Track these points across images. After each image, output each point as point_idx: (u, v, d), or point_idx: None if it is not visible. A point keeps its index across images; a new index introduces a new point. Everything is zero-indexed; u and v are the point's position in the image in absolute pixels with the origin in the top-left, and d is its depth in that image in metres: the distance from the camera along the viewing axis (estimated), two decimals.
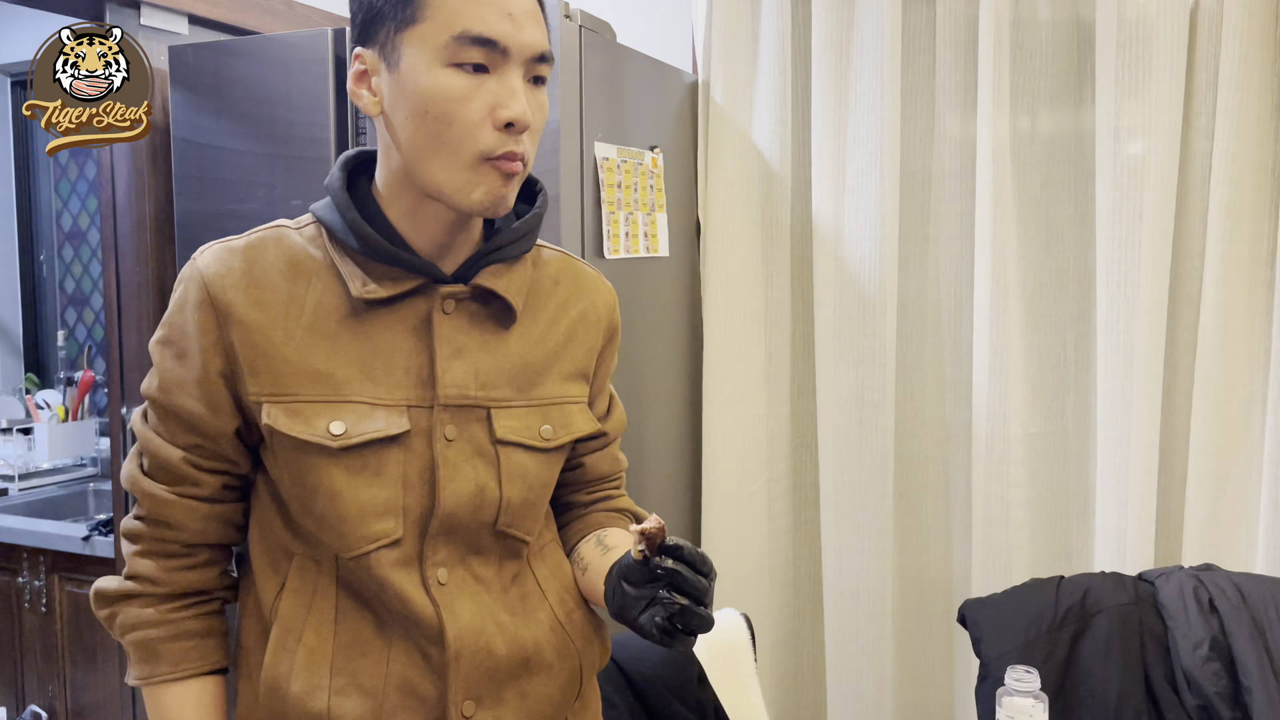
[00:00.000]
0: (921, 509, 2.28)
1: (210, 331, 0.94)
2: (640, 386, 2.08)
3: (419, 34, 0.89)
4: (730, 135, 2.24)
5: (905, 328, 2.23)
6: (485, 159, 0.90)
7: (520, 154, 0.91)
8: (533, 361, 1.01)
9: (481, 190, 0.91)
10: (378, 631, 0.95)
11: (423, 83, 0.89)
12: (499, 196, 0.92)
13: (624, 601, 0.91)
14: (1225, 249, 1.94)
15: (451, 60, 0.88)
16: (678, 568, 0.87)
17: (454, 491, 0.95)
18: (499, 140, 0.90)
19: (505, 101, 0.89)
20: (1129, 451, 2.00)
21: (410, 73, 0.89)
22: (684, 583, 0.87)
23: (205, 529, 0.99)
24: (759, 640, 2.25)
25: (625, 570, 0.91)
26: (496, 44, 0.88)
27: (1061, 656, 1.57)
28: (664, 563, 0.87)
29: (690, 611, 0.86)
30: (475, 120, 0.89)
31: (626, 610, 0.91)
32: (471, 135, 0.89)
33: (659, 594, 0.87)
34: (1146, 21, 1.94)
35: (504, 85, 0.89)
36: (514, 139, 0.90)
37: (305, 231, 0.98)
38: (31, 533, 2.42)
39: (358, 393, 0.94)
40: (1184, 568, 1.69)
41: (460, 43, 0.88)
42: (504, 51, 0.89)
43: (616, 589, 0.93)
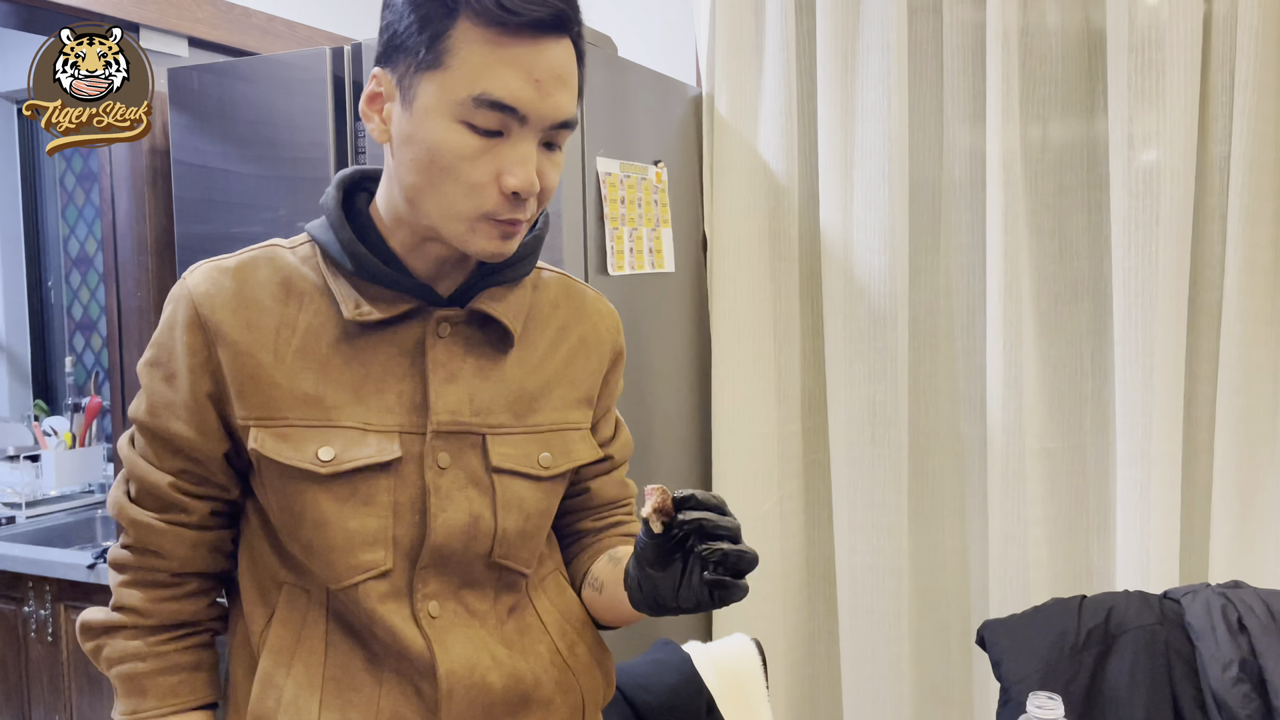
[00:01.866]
0: (937, 526, 2.23)
1: (199, 352, 0.91)
2: (647, 404, 2.04)
3: (439, 81, 0.85)
4: (736, 148, 2.21)
5: (917, 341, 2.19)
6: (484, 218, 0.87)
7: (521, 220, 0.88)
8: (531, 387, 0.98)
9: (479, 244, 0.88)
10: (368, 665, 0.92)
11: (433, 133, 0.85)
12: (497, 251, 0.89)
13: (655, 587, 0.87)
14: (1246, 255, 1.89)
15: (466, 118, 0.85)
16: (702, 515, 0.82)
17: (445, 521, 0.92)
18: (501, 205, 0.87)
19: (513, 169, 0.86)
20: (1150, 465, 1.95)
21: (422, 116, 0.86)
22: (714, 526, 0.82)
23: (193, 557, 0.96)
24: (772, 664, 2.21)
25: (642, 555, 0.87)
26: (516, 111, 0.85)
27: (1085, 680, 1.52)
28: (685, 517, 0.82)
29: (734, 553, 0.81)
30: (480, 181, 0.86)
31: (661, 593, 0.86)
32: (475, 194, 0.86)
33: (697, 550, 0.82)
34: (1159, 25, 1.90)
35: (515, 151, 0.86)
36: (516, 204, 0.87)
37: (299, 251, 0.95)
38: (37, 561, 2.40)
39: (348, 418, 0.91)
40: (1211, 585, 1.64)
41: (478, 104, 0.84)
42: (522, 119, 0.85)
43: (642, 579, 0.88)
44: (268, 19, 2.32)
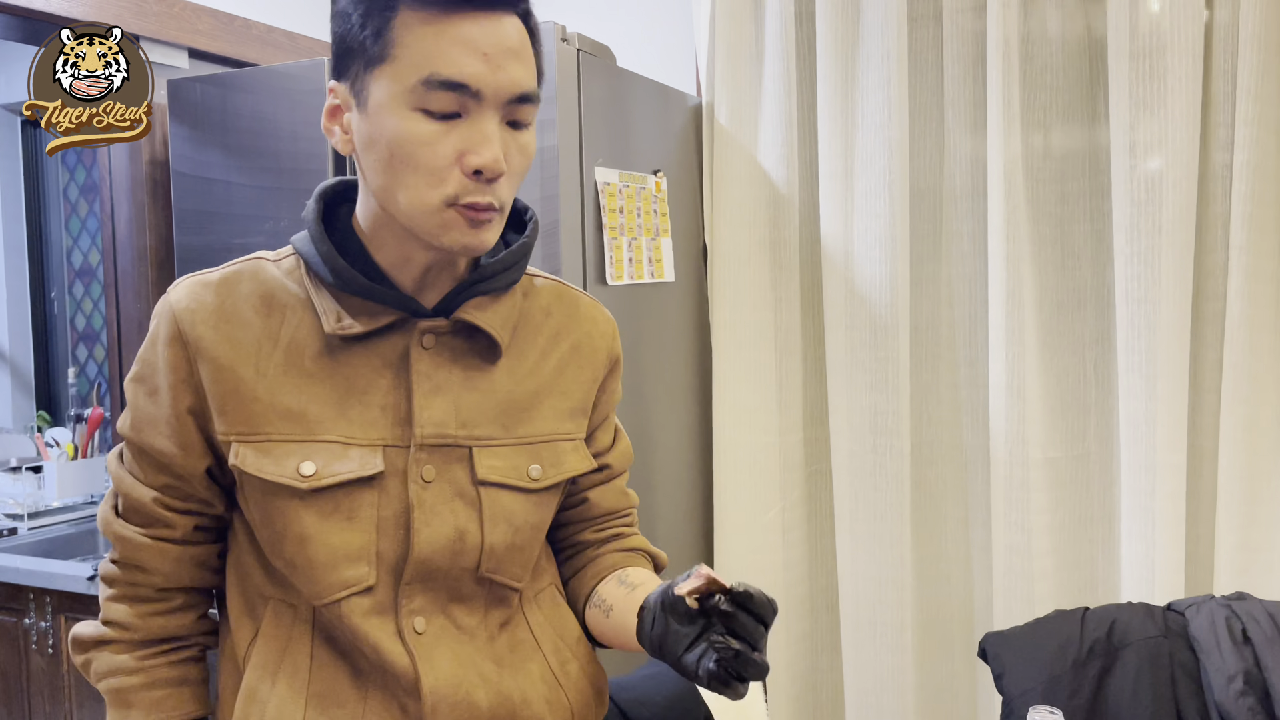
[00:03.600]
0: (940, 537, 2.21)
1: (180, 368, 0.90)
2: (648, 414, 2.03)
3: (387, 73, 0.84)
4: (736, 157, 2.21)
5: (919, 350, 2.18)
6: (449, 205, 0.85)
7: (489, 204, 0.86)
8: (520, 397, 0.96)
9: (452, 236, 0.86)
10: (353, 682, 0.91)
11: (389, 126, 0.84)
12: (471, 243, 0.87)
13: (667, 636, 0.84)
14: (1249, 263, 1.88)
15: (419, 105, 0.83)
16: (735, 611, 0.80)
17: (429, 536, 0.90)
18: (465, 188, 0.84)
19: (475, 148, 0.84)
20: (1154, 475, 1.93)
21: (378, 114, 0.85)
22: (739, 626, 0.80)
23: (178, 572, 0.95)
24: (775, 675, 2.20)
25: (671, 602, 0.84)
26: (468, 88, 0.83)
27: (1088, 693, 1.50)
28: (721, 604, 0.80)
29: (745, 657, 0.79)
30: (441, 166, 0.84)
31: (669, 646, 0.84)
32: (438, 180, 0.84)
33: (712, 636, 0.81)
34: (1160, 33, 1.89)
35: (475, 130, 0.84)
36: (482, 187, 0.85)
37: (284, 264, 0.94)
38: (38, 573, 2.40)
39: (331, 432, 0.89)
40: (1215, 597, 1.62)
41: (429, 86, 0.83)
42: (476, 95, 0.84)
43: (658, 620, 0.85)
44: (267, 30, 2.33)
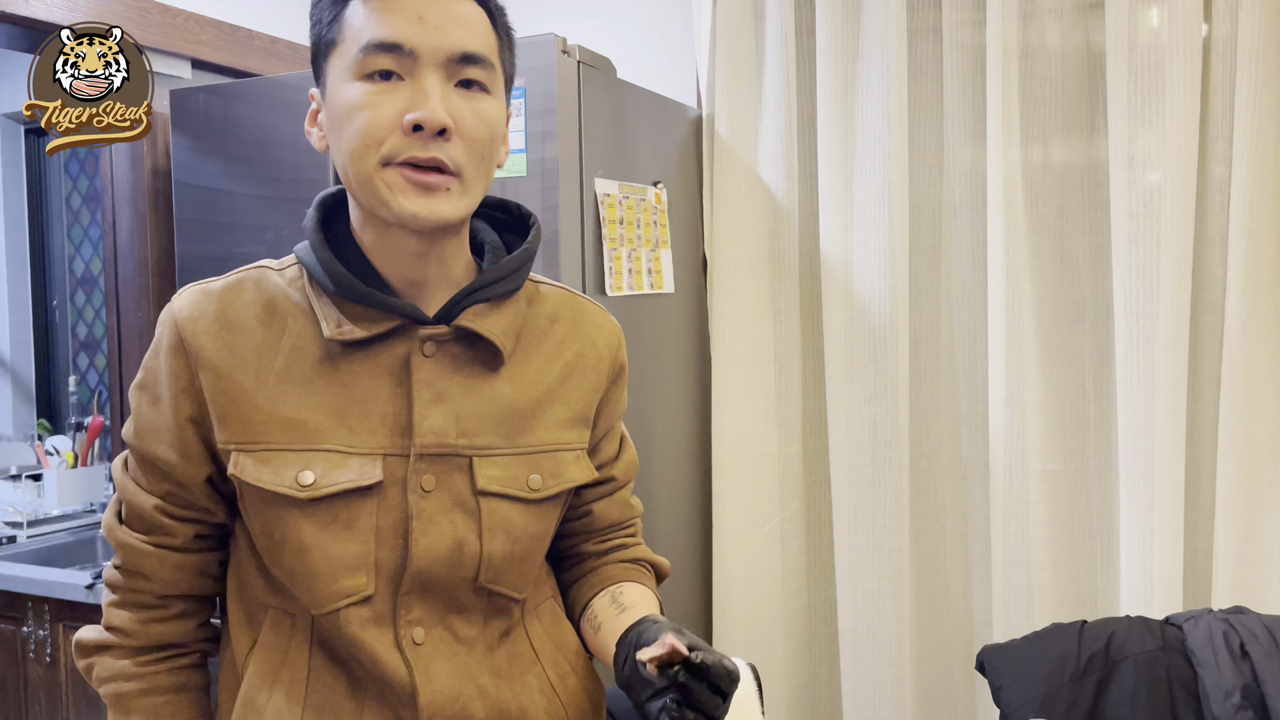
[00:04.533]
0: (939, 549, 2.21)
1: (182, 377, 0.90)
2: (647, 426, 2.04)
3: (338, 54, 0.88)
4: (736, 169, 2.21)
5: (918, 362, 2.18)
6: (387, 164, 0.85)
7: (430, 160, 0.85)
8: (522, 406, 0.95)
9: (398, 202, 0.86)
10: (351, 693, 0.91)
11: (339, 99, 0.87)
12: (418, 211, 0.86)
13: (634, 680, 0.86)
14: (1247, 276, 1.88)
15: (362, 73, 0.86)
16: (692, 683, 0.80)
17: (428, 546, 0.90)
18: (404, 143, 0.85)
19: (414, 104, 0.85)
20: (1153, 488, 1.93)
21: (332, 94, 0.88)
22: (696, 698, 0.81)
23: (178, 579, 0.95)
24: (773, 687, 2.19)
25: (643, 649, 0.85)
26: (401, 47, 0.85)
27: (1085, 707, 1.50)
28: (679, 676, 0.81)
29: None
30: (384, 126, 0.85)
31: (635, 689, 0.86)
32: (376, 141, 0.85)
33: (667, 701, 0.81)
34: (1159, 47, 1.90)
35: (415, 89, 0.85)
36: (422, 142, 0.85)
37: (287, 273, 0.95)
38: (36, 581, 2.40)
39: (331, 441, 0.89)
40: (1212, 611, 1.62)
41: (367, 52, 0.85)
42: (411, 54, 0.85)
43: (629, 662, 0.87)
44: (270, 41, 2.34)
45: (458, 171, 0.87)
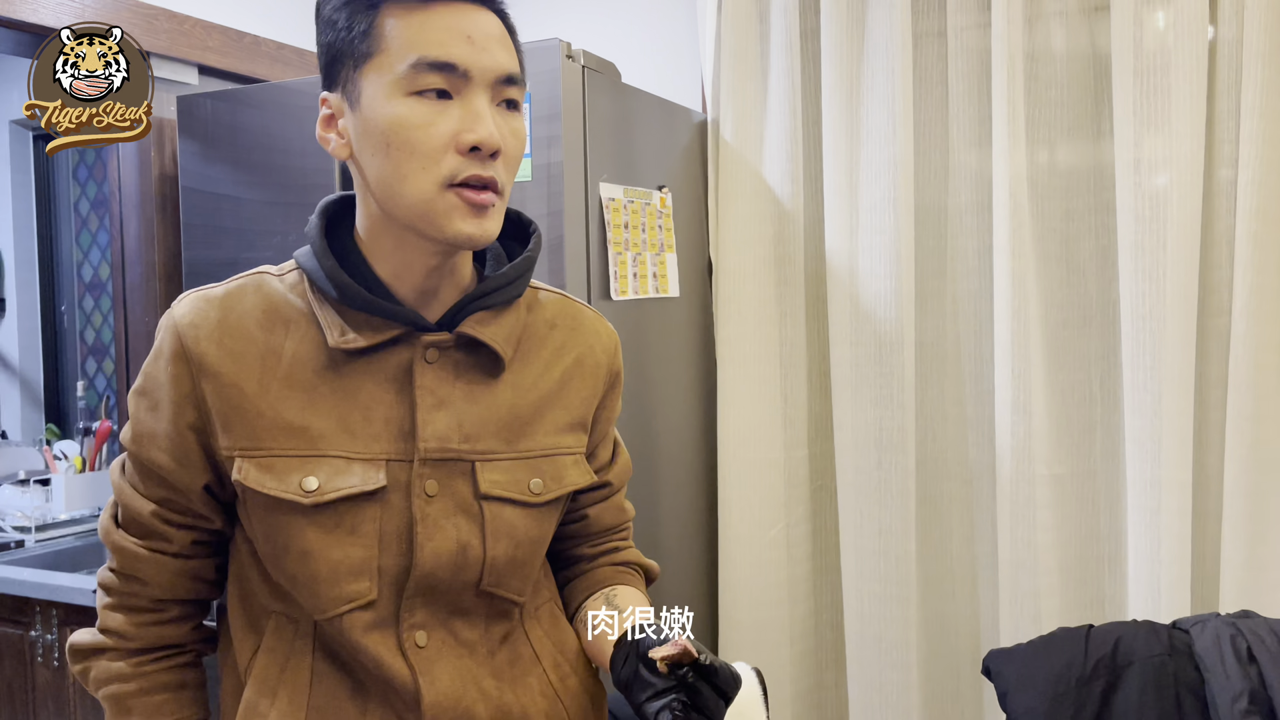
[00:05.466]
0: (946, 554, 2.20)
1: (183, 384, 0.91)
2: (652, 430, 2.04)
3: (376, 66, 0.86)
4: (741, 173, 2.21)
5: (924, 366, 2.18)
6: (449, 185, 0.86)
7: (489, 179, 0.87)
8: (522, 411, 0.96)
9: (454, 225, 0.87)
10: (354, 696, 0.91)
11: (383, 114, 0.86)
12: (474, 232, 0.87)
13: (634, 680, 0.86)
14: (1254, 280, 1.87)
15: (411, 89, 0.85)
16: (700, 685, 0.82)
17: (433, 550, 0.91)
18: (462, 164, 0.85)
19: (469, 125, 0.85)
20: (1160, 492, 1.92)
21: (371, 106, 0.87)
22: (702, 700, 0.82)
23: (174, 585, 0.96)
24: (780, 693, 2.19)
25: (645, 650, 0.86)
26: (456, 67, 0.85)
27: (1092, 712, 1.49)
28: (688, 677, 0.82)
29: None
30: (439, 146, 0.85)
31: (634, 690, 0.86)
32: (435, 162, 0.85)
33: (672, 701, 0.82)
34: (1165, 50, 1.89)
35: (467, 109, 0.86)
36: (480, 163, 0.86)
37: (287, 279, 0.95)
38: (43, 585, 2.40)
39: (334, 447, 0.90)
40: (1220, 615, 1.61)
41: (418, 69, 0.84)
42: (465, 75, 0.85)
43: (629, 662, 0.87)
44: (277, 47, 2.35)
45: (501, 190, 0.89)
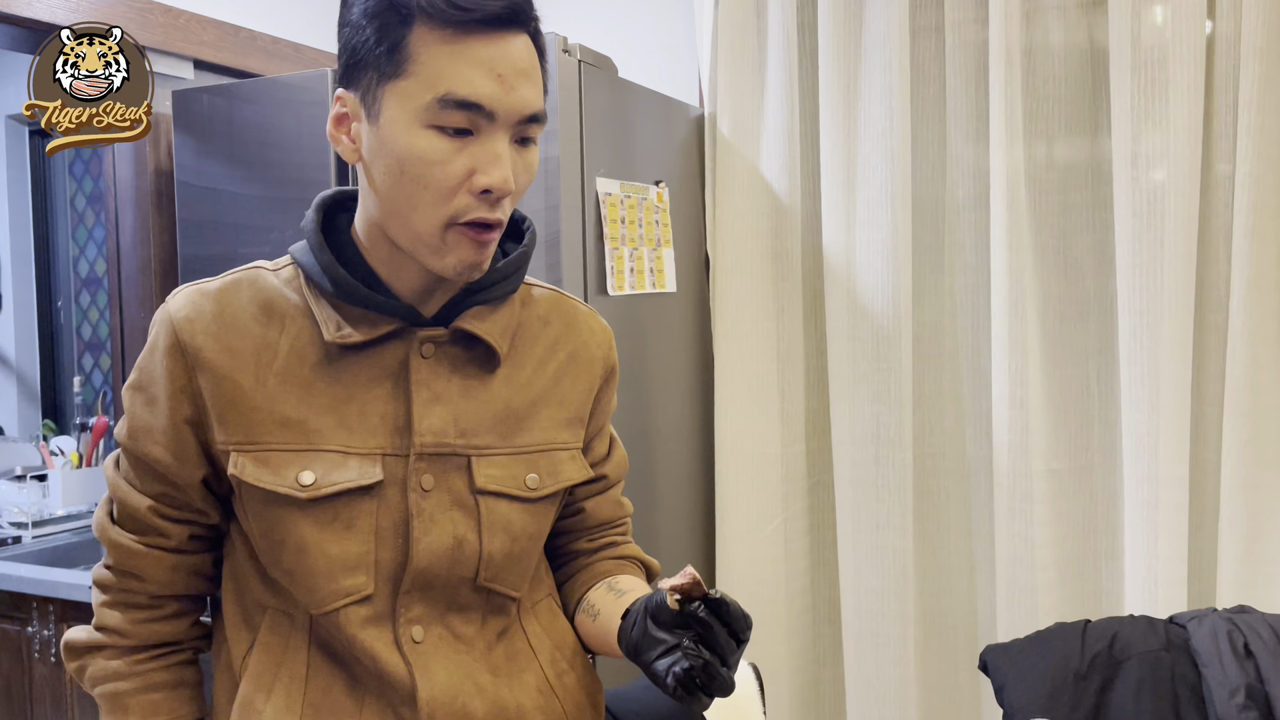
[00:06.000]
0: (943, 548, 2.21)
1: (179, 378, 0.90)
2: (649, 426, 2.03)
3: (402, 89, 0.84)
4: (738, 168, 2.21)
5: (921, 361, 2.18)
6: (454, 223, 0.85)
7: (495, 221, 0.87)
8: (518, 406, 0.96)
9: (454, 258, 0.87)
10: (349, 692, 0.91)
11: (401, 142, 0.84)
12: (471, 263, 0.88)
13: (643, 639, 0.84)
14: (1251, 275, 1.87)
15: (433, 122, 0.84)
16: (711, 620, 0.80)
17: (429, 545, 0.90)
18: (471, 204, 0.85)
19: (485, 168, 0.84)
20: (1157, 487, 1.92)
21: (390, 128, 0.85)
22: (713, 638, 0.80)
23: (172, 580, 0.95)
24: (777, 687, 2.19)
25: (655, 608, 0.84)
26: (482, 108, 0.84)
27: (1089, 707, 1.49)
28: (699, 611, 0.81)
29: (713, 669, 0.79)
30: (451, 185, 0.85)
31: (643, 649, 0.84)
32: (446, 199, 0.85)
33: (683, 642, 0.80)
34: (1162, 45, 1.89)
35: (486, 150, 0.85)
36: (489, 205, 0.86)
37: (283, 273, 0.95)
38: (40, 581, 2.40)
39: (330, 441, 0.90)
40: (1217, 610, 1.61)
41: (444, 105, 0.83)
42: (490, 115, 0.84)
43: (639, 623, 0.85)
44: (272, 41, 2.34)
45: (502, 224, 0.88)
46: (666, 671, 0.81)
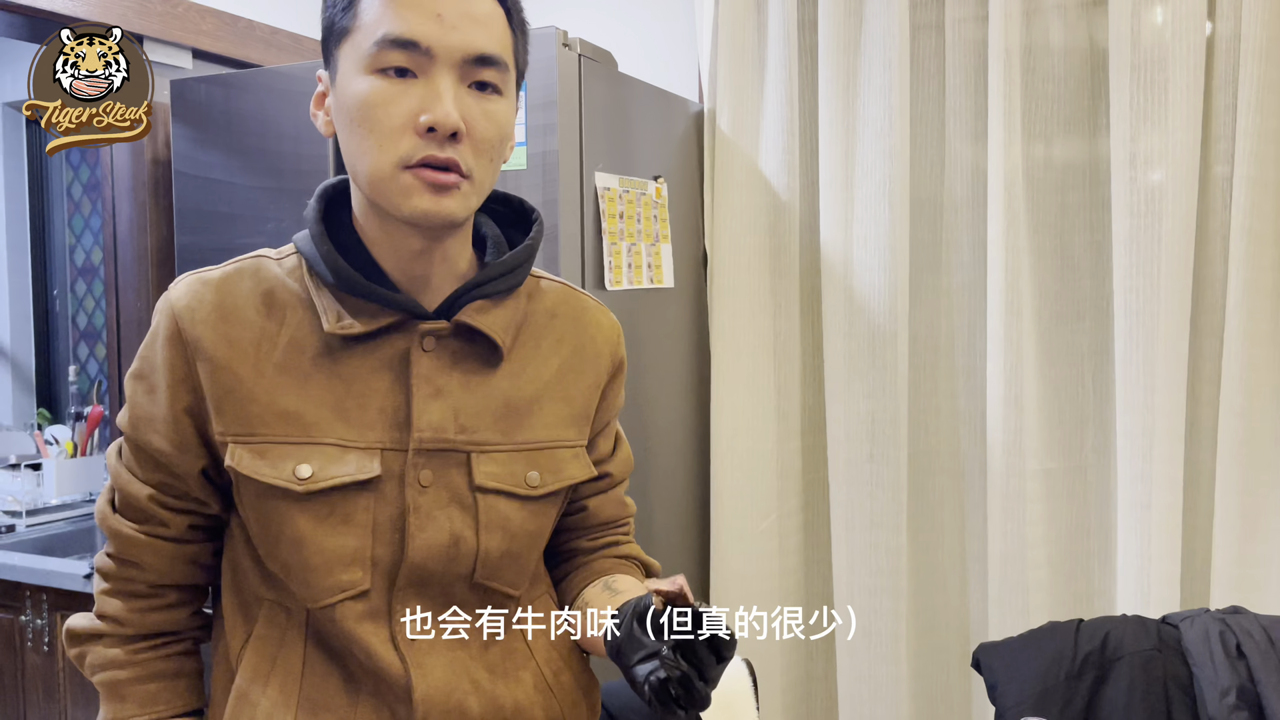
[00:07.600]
0: (936, 547, 2.21)
1: (178, 367, 0.90)
2: (646, 421, 2.03)
3: (351, 43, 0.86)
4: (737, 164, 2.21)
5: (917, 359, 2.18)
6: (404, 167, 0.85)
7: (448, 160, 0.85)
8: (521, 402, 0.95)
9: (411, 202, 0.86)
10: (345, 687, 0.90)
11: (349, 91, 0.86)
12: (431, 209, 0.86)
13: (626, 641, 0.82)
14: (1248, 276, 1.88)
15: (375, 67, 0.85)
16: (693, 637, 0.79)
17: (424, 541, 0.90)
18: (419, 145, 0.84)
19: (427, 105, 0.84)
20: (1151, 488, 1.93)
21: (342, 83, 0.87)
22: (693, 652, 0.79)
23: (172, 569, 0.95)
24: (768, 684, 2.19)
25: (643, 610, 0.83)
26: (418, 45, 0.84)
27: (1080, 706, 1.50)
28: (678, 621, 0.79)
29: (689, 682, 0.78)
30: (397, 126, 0.84)
31: (625, 652, 0.82)
32: (394, 140, 0.84)
33: (663, 650, 0.79)
34: (1162, 45, 1.89)
35: (429, 89, 0.85)
36: (437, 144, 0.84)
37: (286, 263, 0.94)
38: (34, 570, 2.40)
39: (329, 434, 0.89)
40: (1209, 611, 1.62)
41: (381, 46, 0.84)
42: (428, 53, 0.84)
43: (625, 625, 0.84)
44: (271, 31, 2.33)
45: (468, 173, 0.87)
46: (644, 679, 0.80)
